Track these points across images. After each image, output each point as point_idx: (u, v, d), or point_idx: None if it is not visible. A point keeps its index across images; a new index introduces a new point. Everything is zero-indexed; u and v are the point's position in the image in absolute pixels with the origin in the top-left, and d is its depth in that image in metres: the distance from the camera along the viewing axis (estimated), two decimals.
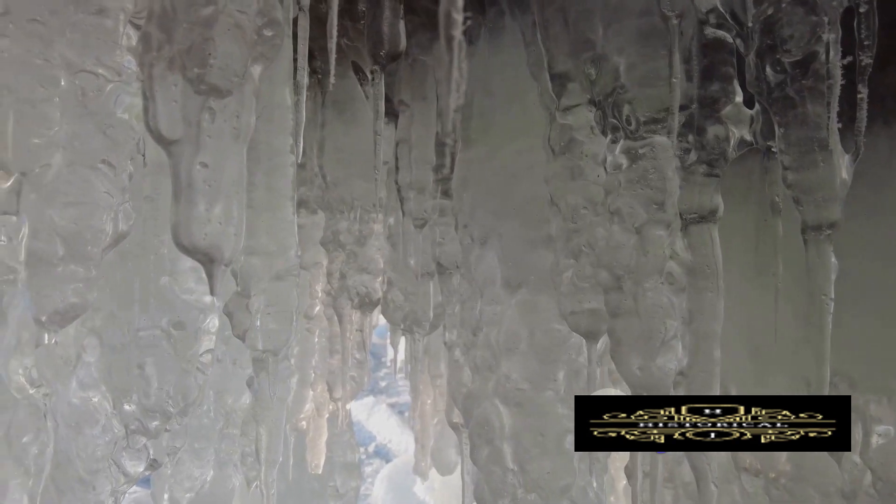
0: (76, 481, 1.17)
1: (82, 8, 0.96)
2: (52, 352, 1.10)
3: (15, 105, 0.94)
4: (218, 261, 0.80)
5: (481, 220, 1.42)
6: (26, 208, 0.97)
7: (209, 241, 0.79)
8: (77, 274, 0.96)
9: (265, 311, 1.42)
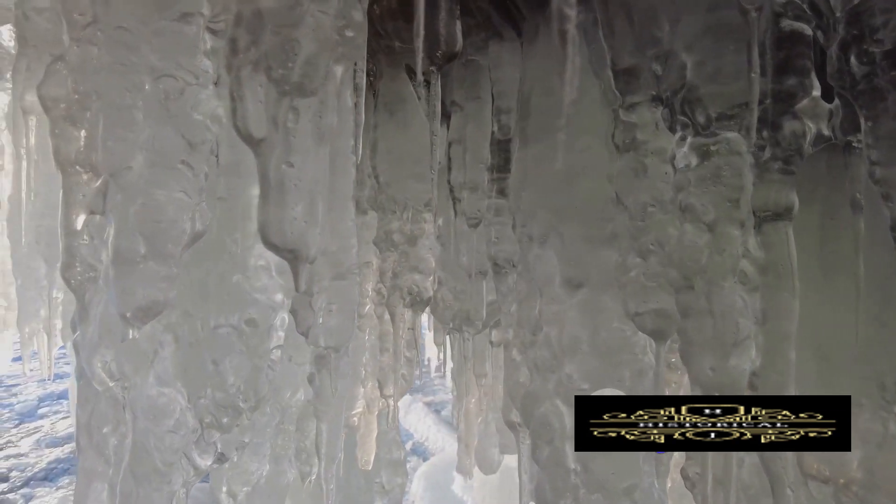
0: (153, 472, 1.21)
1: (165, 15, 0.99)
2: (131, 347, 1.14)
3: (104, 109, 0.98)
4: (303, 258, 0.82)
5: (541, 218, 1.41)
6: (112, 208, 1.00)
7: (295, 239, 0.81)
8: (159, 272, 0.99)
9: (327, 309, 1.44)
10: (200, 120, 1.01)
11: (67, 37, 0.99)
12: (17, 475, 5.96)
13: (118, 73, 0.97)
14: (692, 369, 1.14)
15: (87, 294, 1.20)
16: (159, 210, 0.98)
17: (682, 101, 1.15)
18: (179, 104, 0.99)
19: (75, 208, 0.97)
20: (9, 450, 6.49)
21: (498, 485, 4.61)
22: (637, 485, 1.30)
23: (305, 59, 0.79)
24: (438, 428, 7.28)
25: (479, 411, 3.06)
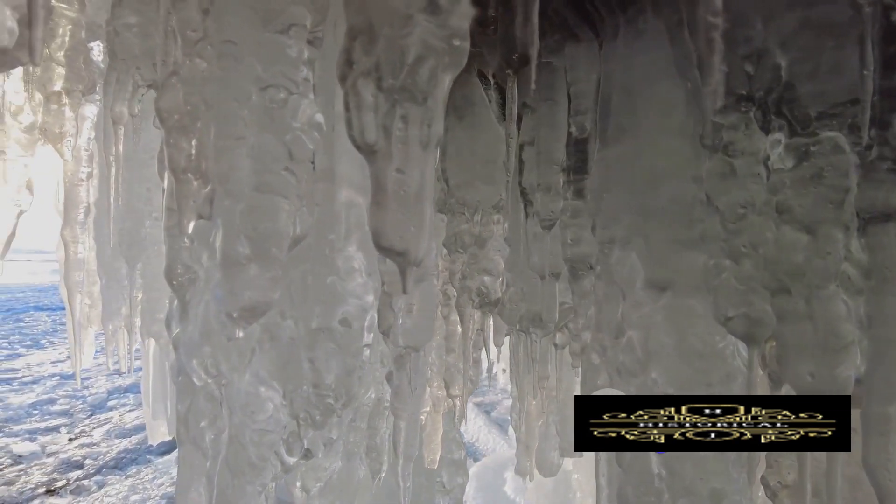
0: (247, 466, 1.27)
1: (269, 27, 1.03)
2: (230, 345, 1.20)
3: (213, 119, 1.03)
4: (412, 261, 0.84)
5: (624, 221, 1.40)
6: (220, 213, 1.05)
7: (405, 243, 0.83)
8: (263, 274, 1.04)
9: (407, 310, 1.47)
10: (302, 128, 1.05)
11: (181, 52, 1.04)
12: (90, 463, 6.29)
13: (226, 85, 1.02)
14: (789, 374, 1.11)
15: (187, 294, 1.27)
16: (264, 215, 1.03)
17: (778, 100, 1.13)
18: (283, 113, 1.03)
19: (187, 214, 1.03)
20: (83, 439, 6.85)
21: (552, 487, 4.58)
22: (725, 491, 1.27)
23: (416, 68, 0.81)
24: (489, 429, 7.29)
25: (540, 413, 3.05)
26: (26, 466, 6.12)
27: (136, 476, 6.03)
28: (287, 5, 1.00)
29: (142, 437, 6.89)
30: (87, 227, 2.64)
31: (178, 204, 1.02)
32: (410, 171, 0.83)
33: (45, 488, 5.64)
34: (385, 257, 0.85)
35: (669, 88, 1.39)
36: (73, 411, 7.74)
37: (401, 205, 0.83)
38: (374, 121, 0.83)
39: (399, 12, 0.79)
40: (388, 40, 0.80)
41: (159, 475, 5.97)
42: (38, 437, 6.83)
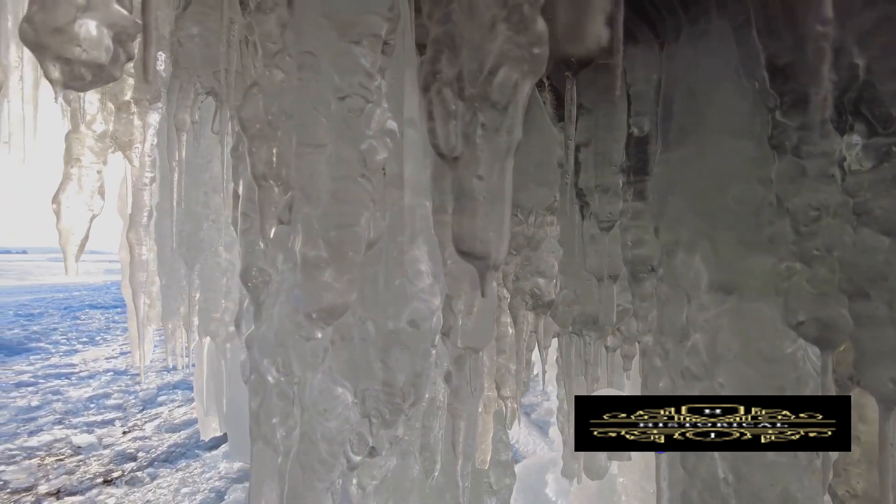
0: (318, 462, 1.31)
1: (346, 37, 1.07)
2: (303, 344, 1.24)
3: (294, 128, 1.07)
4: (492, 265, 0.86)
5: (689, 223, 1.39)
6: (299, 219, 1.09)
7: (485, 247, 0.85)
8: (341, 276, 1.07)
9: (467, 312, 1.49)
10: (376, 135, 1.08)
11: (261, 64, 1.09)
12: (143, 456, 6.52)
13: (306, 95, 1.05)
14: (868, 379, 1.08)
15: (261, 295, 1.32)
16: (341, 220, 1.06)
17: (856, 100, 1.10)
18: (359, 121, 1.06)
19: (268, 219, 1.07)
20: (135, 432, 7.11)
21: (596, 490, 4.54)
22: (796, 499, 1.25)
23: (497, 77, 0.83)
24: (529, 430, 7.26)
25: None
26: (85, 457, 6.40)
27: (185, 469, 6.22)
28: (363, 15, 1.03)
29: (190, 432, 7.12)
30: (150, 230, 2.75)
31: (260, 209, 1.06)
32: (490, 177, 0.85)
33: (102, 478, 5.88)
34: (465, 261, 0.87)
35: (734, 89, 1.37)
36: (126, 406, 8.05)
37: (481, 210, 0.85)
38: (456, 129, 0.85)
39: (483, 22, 0.81)
40: (471, 49, 0.82)
41: (207, 469, 6.15)
42: (95, 430, 7.13)
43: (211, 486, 5.75)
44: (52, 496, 5.47)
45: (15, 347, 11.10)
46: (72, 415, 7.61)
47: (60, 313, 15.77)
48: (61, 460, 6.31)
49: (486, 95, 0.84)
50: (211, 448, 6.59)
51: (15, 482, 5.70)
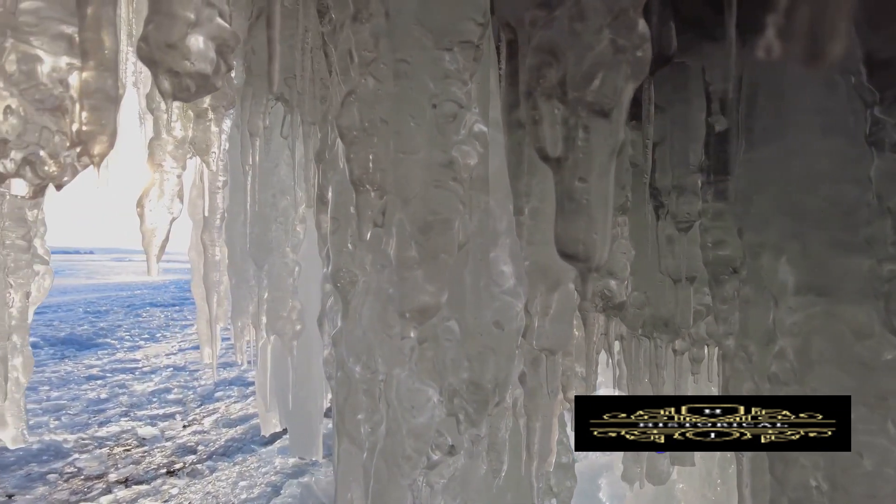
0: (403, 458, 1.34)
1: (441, 45, 1.09)
2: (391, 342, 1.27)
3: (390, 134, 1.10)
4: (594, 268, 0.87)
5: (777, 224, 1.35)
6: (394, 222, 1.12)
7: (587, 250, 0.86)
8: (433, 278, 1.10)
9: (543, 313, 1.50)
10: (468, 140, 1.11)
11: (356, 72, 1.13)
12: (202, 449, 6.76)
13: (401, 102, 1.09)
14: None
15: (349, 295, 1.36)
16: (435, 223, 1.09)
17: None
18: (452, 127, 1.09)
19: (365, 223, 1.11)
20: (195, 426, 7.38)
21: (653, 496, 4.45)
22: None
23: (602, 81, 0.84)
24: None
25: None
26: (149, 448, 6.68)
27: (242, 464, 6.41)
28: (459, 23, 1.05)
29: (246, 428, 7.35)
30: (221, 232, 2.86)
31: (358, 213, 1.10)
32: (593, 179, 0.86)
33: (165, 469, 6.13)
34: (567, 263, 0.88)
35: (824, 85, 1.33)
36: (185, 400, 8.37)
37: (584, 212, 0.86)
38: (560, 132, 0.86)
39: (589, 27, 0.82)
40: (576, 54, 0.83)
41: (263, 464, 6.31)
42: (157, 423, 7.44)
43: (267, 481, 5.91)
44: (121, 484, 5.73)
45: (85, 343, 11.74)
46: (136, 408, 7.97)
47: (124, 311, 16.58)
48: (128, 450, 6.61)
49: (590, 99, 0.85)
50: (266, 444, 6.77)
51: (88, 469, 6.01)
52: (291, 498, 5.24)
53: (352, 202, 1.34)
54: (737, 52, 1.56)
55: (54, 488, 5.59)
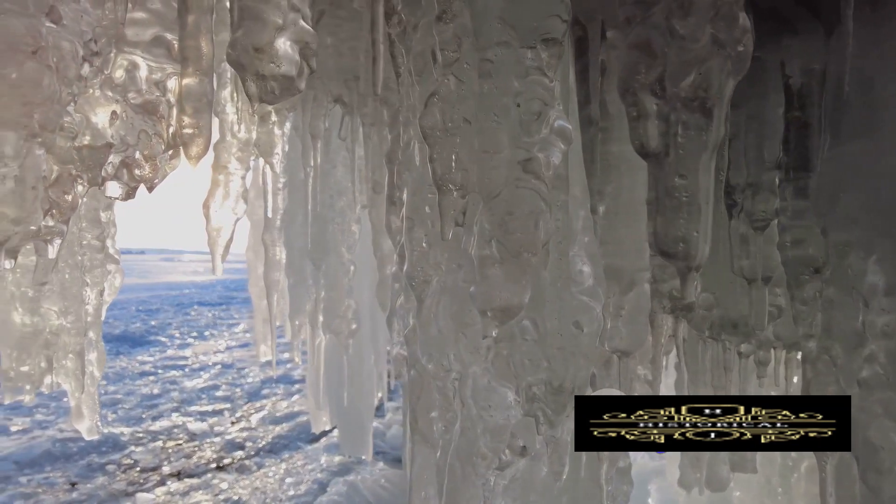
0: (477, 457, 1.34)
1: (526, 43, 1.09)
2: (467, 342, 1.28)
3: (473, 133, 1.11)
4: (693, 266, 0.85)
5: (865, 221, 1.30)
6: (475, 221, 1.13)
7: (686, 248, 0.84)
8: (516, 277, 1.10)
9: (616, 314, 1.48)
10: (551, 138, 1.10)
11: (439, 73, 1.14)
12: (250, 445, 6.93)
13: (485, 101, 1.09)
14: None
15: (423, 293, 1.37)
16: (518, 223, 1.09)
17: None
18: (537, 125, 1.08)
19: (447, 222, 1.12)
20: (242, 423, 7.57)
21: None
22: None
23: (701, 76, 0.82)
24: None
25: None
26: (199, 443, 6.89)
27: (289, 461, 6.53)
28: (545, 20, 1.05)
29: (292, 425, 7.50)
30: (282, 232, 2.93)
31: (441, 213, 1.11)
32: (693, 176, 0.84)
33: (215, 464, 6.30)
34: (666, 262, 0.86)
35: None
36: (233, 397, 8.59)
37: (683, 210, 0.84)
38: (658, 129, 0.85)
39: (692, 23, 0.80)
40: (677, 51, 0.82)
41: (310, 461, 6.42)
42: (207, 419, 7.66)
43: (314, 478, 6.01)
44: (174, 477, 5.92)
45: (138, 340, 12.23)
46: (187, 403, 8.23)
47: (174, 309, 17.19)
48: (180, 445, 6.83)
49: (690, 96, 0.83)
50: (312, 441, 6.89)
51: (143, 462, 6.24)
52: (338, 495, 5.31)
53: (427, 202, 1.36)
54: (818, 44, 1.51)
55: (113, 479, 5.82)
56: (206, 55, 1.02)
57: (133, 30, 1.08)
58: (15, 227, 0.86)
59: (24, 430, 6.95)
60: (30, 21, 0.87)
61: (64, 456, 6.23)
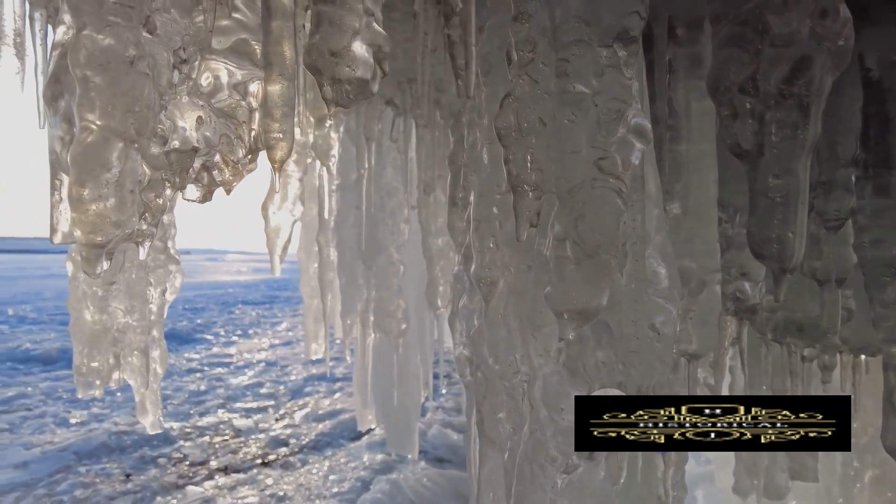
0: (547, 459, 1.34)
1: (603, 41, 1.08)
2: (538, 343, 1.27)
3: (550, 134, 1.10)
4: (787, 268, 0.83)
5: None
6: (551, 221, 1.12)
7: (781, 249, 0.82)
8: (594, 279, 1.09)
9: (685, 316, 1.45)
10: (630, 138, 1.09)
11: (514, 73, 1.13)
12: (294, 442, 7.05)
13: (563, 101, 1.08)
14: None
15: (490, 295, 1.37)
16: (596, 224, 1.08)
17: None
18: (616, 124, 1.07)
19: (523, 223, 1.11)
20: (286, 420, 7.72)
21: None
22: None
23: (800, 73, 0.80)
24: None
25: None
26: (245, 440, 7.05)
27: (332, 458, 6.62)
28: (624, 18, 1.03)
29: (334, 423, 7.60)
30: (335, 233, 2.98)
31: (516, 214, 1.11)
32: (788, 176, 0.82)
33: (260, 460, 6.44)
34: (760, 263, 0.84)
35: None
36: (277, 395, 8.77)
37: (778, 210, 0.82)
38: (751, 128, 0.83)
39: (791, 18, 0.78)
40: (773, 48, 0.80)
41: (352, 459, 6.49)
42: (252, 415, 7.84)
43: (357, 476, 6.07)
44: (221, 471, 6.08)
45: (185, 337, 12.62)
46: (232, 400, 8.44)
47: (218, 308, 17.70)
48: (226, 440, 7.00)
49: (786, 93, 0.81)
50: (354, 439, 6.97)
51: (192, 456, 6.43)
52: (381, 493, 5.36)
53: (495, 203, 1.36)
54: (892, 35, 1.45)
55: (164, 472, 6.01)
56: (289, 60, 1.04)
57: (217, 37, 1.11)
58: (116, 229, 0.90)
59: (82, 422, 7.25)
60: (131, 32, 0.90)
61: (119, 448, 6.47)
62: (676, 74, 1.42)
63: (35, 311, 16.14)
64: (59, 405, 7.93)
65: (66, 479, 5.60)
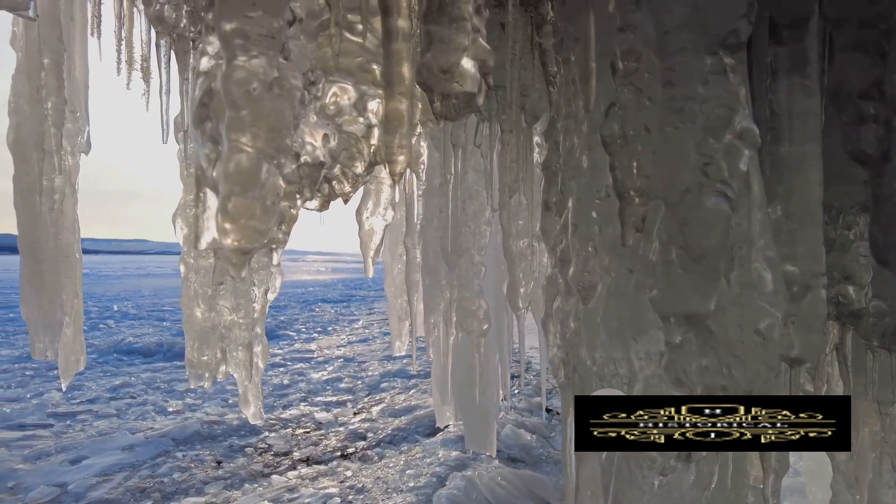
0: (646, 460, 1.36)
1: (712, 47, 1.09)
2: (640, 346, 1.30)
3: (656, 141, 1.13)
4: None
5: None
6: (660, 227, 1.15)
7: None
8: (702, 283, 1.10)
9: (788, 320, 1.42)
10: (738, 143, 1.10)
11: (618, 83, 1.17)
12: (371, 436, 7.26)
13: (669, 109, 1.11)
14: None
15: (588, 298, 1.41)
16: (703, 227, 1.09)
17: None
18: (724, 130, 1.08)
19: (628, 228, 1.15)
20: (364, 414, 7.97)
21: None
22: None
23: None
24: None
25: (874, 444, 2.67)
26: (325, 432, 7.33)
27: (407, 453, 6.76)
28: (732, 22, 1.05)
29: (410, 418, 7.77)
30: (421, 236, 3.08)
31: (621, 219, 1.14)
32: None
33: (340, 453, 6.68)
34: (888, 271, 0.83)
35: None
36: (355, 389, 9.07)
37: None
38: (875, 133, 0.82)
39: None
40: None
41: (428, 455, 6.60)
42: (332, 409, 8.14)
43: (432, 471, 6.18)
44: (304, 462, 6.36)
45: (269, 334, 13.30)
46: (313, 394, 8.80)
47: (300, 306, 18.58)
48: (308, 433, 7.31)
49: None
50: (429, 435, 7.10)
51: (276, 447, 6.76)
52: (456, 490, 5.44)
53: (594, 208, 1.39)
54: None
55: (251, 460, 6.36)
56: (408, 79, 1.13)
57: (341, 59, 1.21)
58: (261, 238, 1.01)
59: (178, 411, 7.80)
60: (272, 60, 1.01)
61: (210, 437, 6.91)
62: (777, 75, 1.40)
63: (135, 308, 17.57)
64: (158, 395, 8.58)
65: (165, 462, 6.06)
